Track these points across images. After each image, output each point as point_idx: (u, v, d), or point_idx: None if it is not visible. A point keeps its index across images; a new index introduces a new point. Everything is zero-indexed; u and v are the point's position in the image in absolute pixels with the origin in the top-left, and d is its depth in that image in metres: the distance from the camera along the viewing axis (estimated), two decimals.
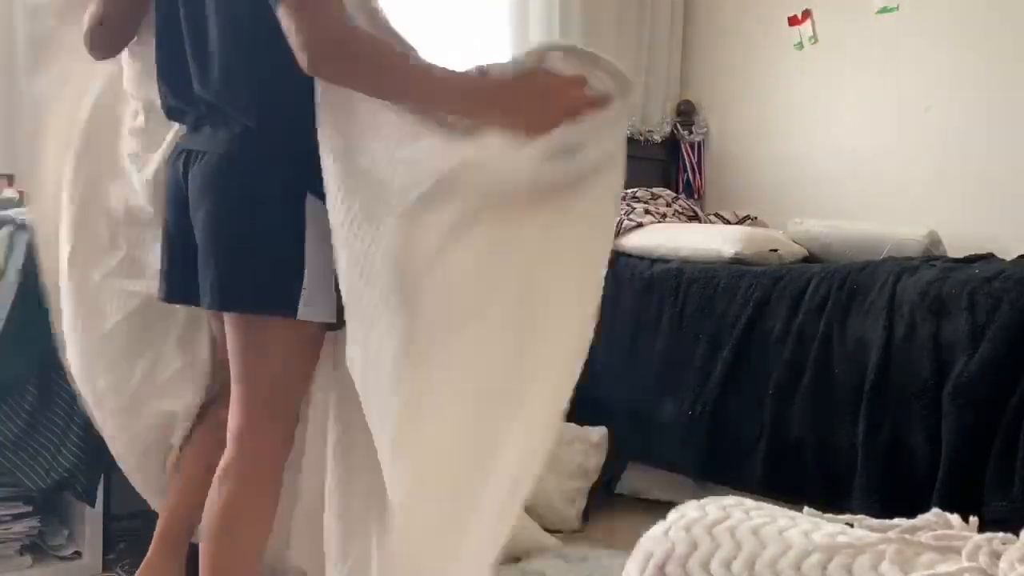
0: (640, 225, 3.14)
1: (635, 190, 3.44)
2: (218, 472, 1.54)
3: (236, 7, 1.47)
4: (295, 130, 1.47)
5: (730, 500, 1.08)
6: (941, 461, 2.10)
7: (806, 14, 3.79)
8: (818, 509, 1.09)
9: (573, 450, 2.71)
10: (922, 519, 1.00)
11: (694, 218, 3.50)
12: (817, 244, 3.08)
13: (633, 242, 3.07)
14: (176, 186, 1.58)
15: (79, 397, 1.86)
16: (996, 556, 0.90)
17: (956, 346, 2.15)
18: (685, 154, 4.10)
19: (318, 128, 1.44)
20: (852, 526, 1.02)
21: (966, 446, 2.07)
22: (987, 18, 3.29)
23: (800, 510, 1.09)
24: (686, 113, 4.13)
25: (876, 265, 2.50)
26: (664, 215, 3.34)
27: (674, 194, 3.64)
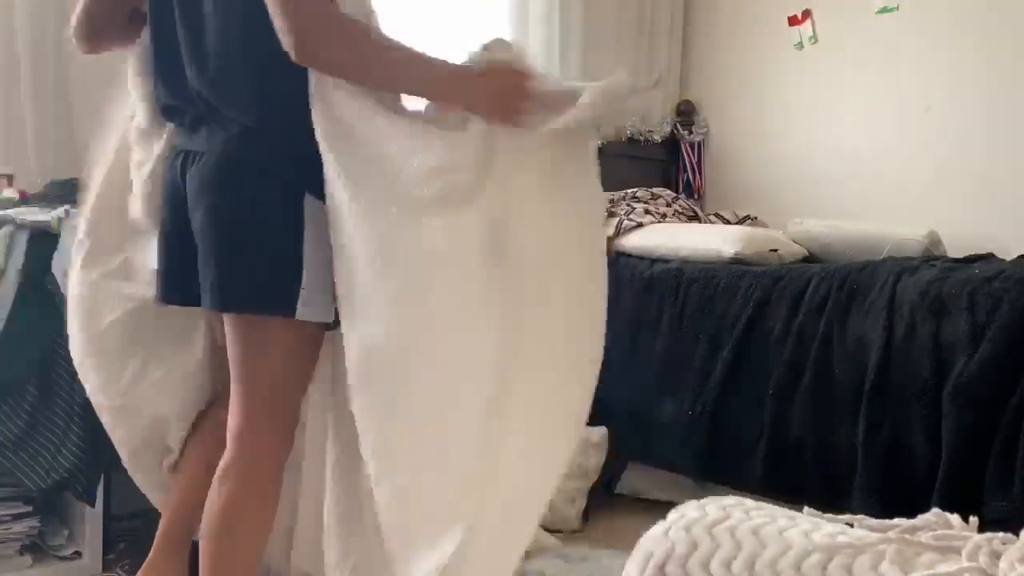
0: (640, 225, 3.14)
1: (635, 190, 3.44)
2: (218, 472, 1.54)
3: (234, 6, 1.47)
4: (293, 130, 1.47)
5: (730, 500, 1.08)
6: (941, 461, 2.10)
7: (806, 14, 3.79)
8: (818, 509, 1.09)
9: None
10: (922, 519, 1.00)
11: (694, 218, 3.50)
12: (817, 244, 3.08)
13: (633, 242, 3.07)
14: (174, 187, 1.58)
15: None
16: (996, 556, 0.90)
17: (956, 346, 2.15)
18: (685, 154, 4.09)
19: (314, 122, 1.45)
20: (852, 526, 1.02)
21: (966, 446, 2.07)
22: (987, 18, 3.29)
23: (800, 510, 1.09)
24: (686, 113, 4.13)
25: (876, 265, 2.50)
26: (664, 215, 3.34)
27: (674, 194, 3.64)
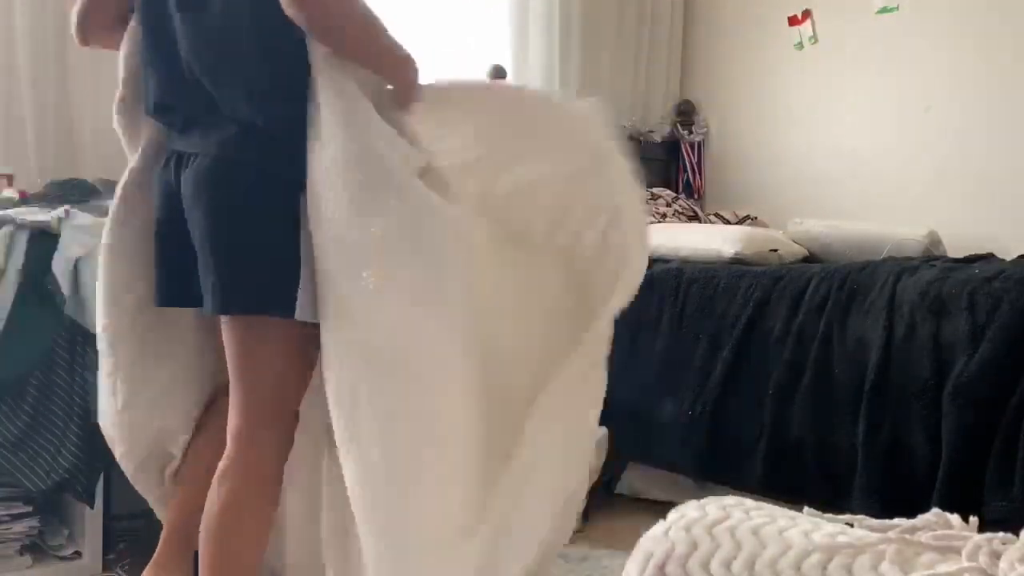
0: None
1: None
2: (218, 472, 1.53)
3: (230, 6, 1.47)
4: (288, 130, 1.47)
5: (730, 500, 1.08)
6: (941, 461, 2.10)
7: (806, 14, 3.79)
8: (818, 509, 1.09)
9: None
10: (922, 519, 1.00)
11: (694, 218, 3.50)
12: (817, 244, 3.08)
13: None
14: (168, 189, 1.57)
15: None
16: (996, 556, 0.90)
17: (956, 346, 2.15)
18: (685, 154, 4.10)
19: (310, 117, 1.45)
20: (852, 526, 1.02)
21: (966, 446, 2.07)
22: (987, 18, 3.30)
23: (800, 510, 1.09)
24: (686, 113, 4.13)
25: (876, 265, 2.50)
26: (664, 215, 3.34)
27: (674, 194, 3.64)
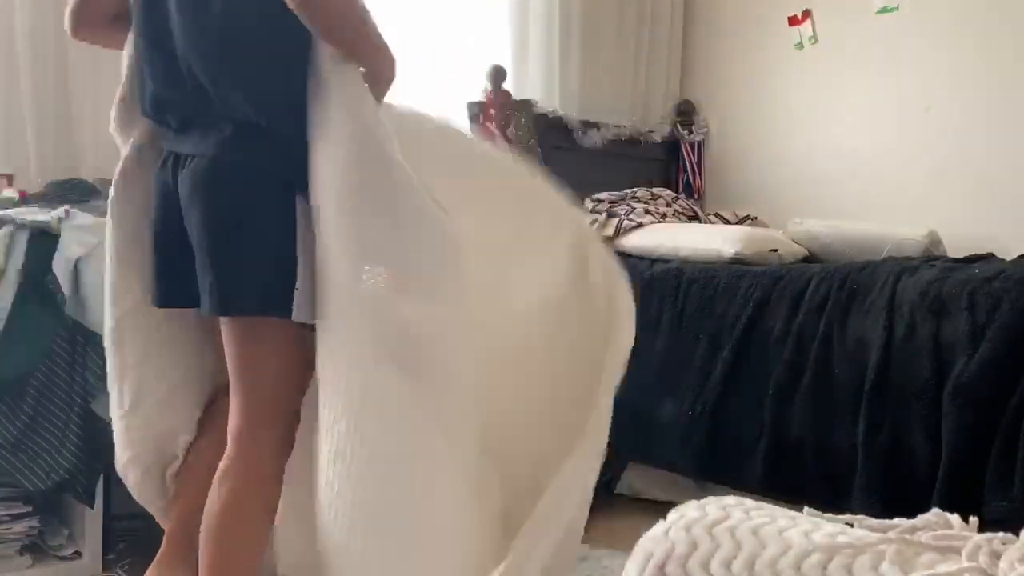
0: (640, 225, 3.14)
1: (635, 190, 3.44)
2: (218, 472, 1.53)
3: (231, 6, 1.47)
4: (285, 131, 1.47)
5: (730, 500, 1.08)
6: (941, 461, 2.10)
7: (806, 14, 3.79)
8: (818, 509, 1.09)
9: None
10: (922, 519, 1.00)
11: (694, 218, 3.50)
12: (817, 244, 3.08)
13: (633, 242, 3.06)
14: (166, 189, 1.57)
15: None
16: (996, 556, 0.90)
17: (956, 346, 2.15)
18: (685, 154, 4.09)
19: (311, 117, 1.46)
20: (852, 526, 1.02)
21: (966, 446, 2.07)
22: (987, 18, 3.30)
23: (800, 510, 1.09)
24: (686, 113, 4.13)
25: (876, 265, 2.50)
26: (664, 215, 3.34)
27: (674, 194, 3.64)
